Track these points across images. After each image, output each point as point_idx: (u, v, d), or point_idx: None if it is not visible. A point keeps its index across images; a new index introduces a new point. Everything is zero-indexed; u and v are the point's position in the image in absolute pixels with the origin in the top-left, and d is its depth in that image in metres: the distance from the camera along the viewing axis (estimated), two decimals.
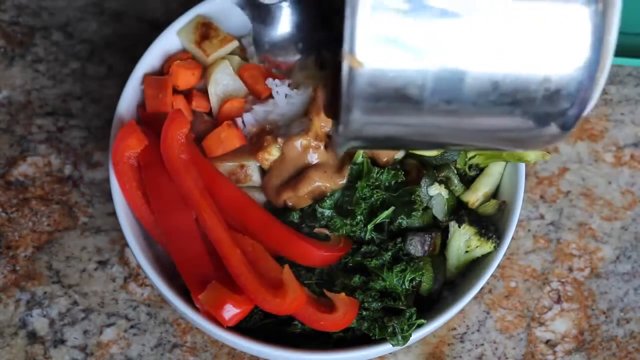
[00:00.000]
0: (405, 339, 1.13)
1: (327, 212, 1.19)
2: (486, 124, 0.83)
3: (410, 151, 1.22)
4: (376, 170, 1.19)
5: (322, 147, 1.21)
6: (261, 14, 0.91)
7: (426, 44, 0.77)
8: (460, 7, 0.76)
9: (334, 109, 0.94)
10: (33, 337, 1.27)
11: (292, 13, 0.91)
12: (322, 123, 1.19)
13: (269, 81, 1.27)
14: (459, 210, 1.22)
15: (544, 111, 0.81)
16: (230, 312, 1.09)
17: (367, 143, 0.88)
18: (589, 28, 0.78)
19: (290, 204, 1.21)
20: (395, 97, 0.79)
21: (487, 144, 0.89)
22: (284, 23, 0.91)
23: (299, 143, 1.21)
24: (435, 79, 0.78)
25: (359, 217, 1.17)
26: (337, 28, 0.86)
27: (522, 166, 1.23)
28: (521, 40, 0.78)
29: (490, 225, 1.20)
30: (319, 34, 0.92)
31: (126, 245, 1.33)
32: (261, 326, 1.17)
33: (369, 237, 1.19)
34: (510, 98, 0.80)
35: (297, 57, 0.94)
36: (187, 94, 1.28)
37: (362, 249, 1.18)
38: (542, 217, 1.38)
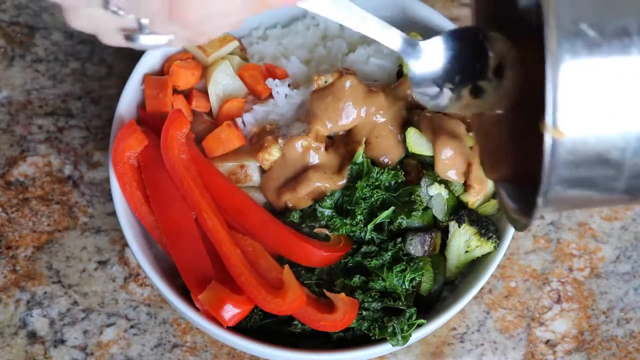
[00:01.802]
0: (405, 339, 1.13)
1: (327, 212, 1.19)
2: None
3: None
4: (376, 170, 1.19)
5: (322, 149, 1.21)
6: (415, 51, 0.91)
7: (628, 107, 0.76)
8: None
9: (497, 168, 0.94)
10: (33, 337, 1.27)
11: (446, 48, 0.91)
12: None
13: (269, 81, 1.27)
14: (459, 210, 1.22)
15: None
16: (230, 312, 1.10)
17: (559, 209, 0.87)
18: None
19: (290, 204, 1.21)
20: (596, 162, 0.77)
21: None
22: (439, 57, 0.91)
23: (299, 144, 1.21)
24: (637, 139, 0.76)
25: (359, 216, 1.17)
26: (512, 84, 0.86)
27: None
28: None
29: (490, 225, 1.20)
30: (475, 65, 0.92)
31: (126, 245, 1.33)
32: (261, 326, 1.17)
33: (369, 237, 1.19)
34: None
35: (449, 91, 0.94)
36: (187, 94, 1.28)
37: (362, 249, 1.18)
38: (542, 217, 1.38)
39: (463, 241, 1.19)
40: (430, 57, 0.90)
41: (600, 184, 0.80)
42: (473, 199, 1.22)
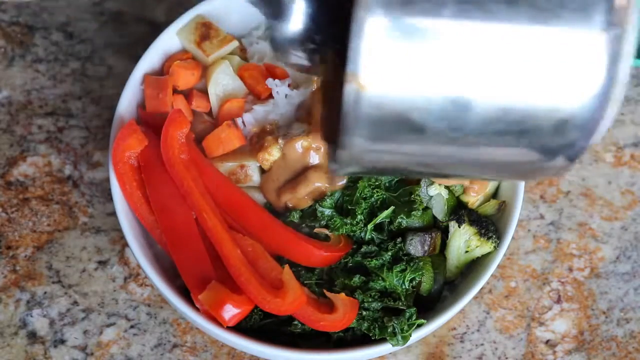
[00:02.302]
0: (405, 339, 1.13)
1: (327, 211, 1.19)
2: (491, 155, 0.81)
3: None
4: None
5: (322, 149, 1.21)
6: (274, 10, 0.90)
7: (434, 70, 0.75)
8: (470, 33, 0.74)
9: (332, 131, 0.93)
10: (33, 337, 1.27)
11: (307, 6, 0.89)
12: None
13: (269, 81, 1.27)
14: (459, 210, 1.22)
15: (551, 142, 0.79)
16: (230, 312, 1.10)
17: (366, 169, 0.86)
18: (604, 56, 0.76)
19: (290, 205, 1.21)
20: (400, 121, 0.76)
21: (490, 175, 0.87)
22: (299, 17, 0.89)
23: (299, 144, 1.20)
24: (441, 104, 0.76)
25: (359, 216, 1.17)
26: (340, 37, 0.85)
27: None
28: (532, 68, 0.76)
29: (490, 225, 1.20)
30: (335, 28, 0.91)
31: (126, 245, 1.33)
32: (261, 326, 1.17)
33: (369, 237, 1.19)
34: (517, 128, 0.77)
35: (315, 54, 0.92)
36: (187, 94, 1.28)
37: (362, 249, 1.18)
38: (542, 217, 1.38)
39: (463, 241, 1.19)
40: (292, 18, 0.90)
41: (405, 146, 0.79)
42: (473, 199, 1.22)
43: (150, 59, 1.28)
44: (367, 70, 0.74)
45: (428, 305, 1.20)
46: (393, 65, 0.74)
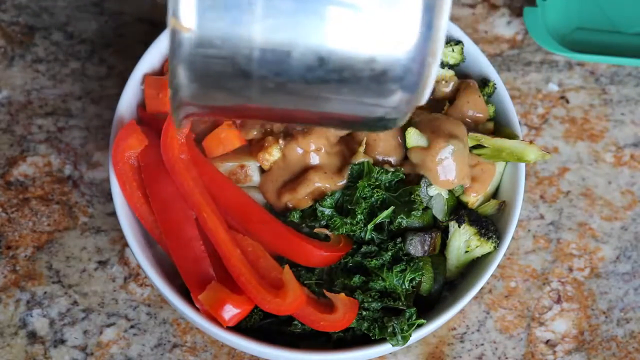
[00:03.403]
0: (405, 339, 1.13)
1: (328, 211, 1.19)
2: (319, 100, 0.82)
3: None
4: (376, 170, 1.19)
5: (323, 150, 1.21)
6: None
7: (252, 13, 0.76)
8: None
9: None
10: (33, 337, 1.27)
11: None
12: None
13: None
14: (459, 210, 1.22)
15: (371, 91, 0.80)
16: (230, 312, 1.10)
17: (205, 110, 0.87)
18: (418, 9, 0.77)
19: (290, 205, 1.21)
20: (224, 64, 0.78)
21: (330, 122, 0.88)
22: None
23: (300, 144, 1.21)
24: (262, 49, 0.77)
25: (359, 216, 1.17)
26: None
27: (522, 166, 1.23)
28: (347, 16, 0.77)
29: (490, 225, 1.20)
30: None
31: (126, 245, 1.33)
32: (261, 326, 1.17)
33: (369, 237, 1.19)
34: (337, 75, 0.79)
35: None
36: None
37: (362, 249, 1.18)
38: (542, 217, 1.38)
39: (463, 241, 1.19)
40: None
41: (235, 90, 0.80)
42: (473, 199, 1.22)
43: (150, 59, 1.28)
44: (185, 12, 0.76)
45: (428, 305, 1.20)
46: (210, 9, 0.76)
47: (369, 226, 1.18)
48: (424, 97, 0.82)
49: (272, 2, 0.76)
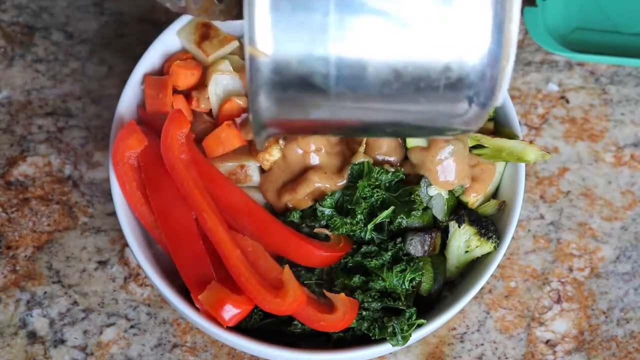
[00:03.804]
0: (405, 339, 1.13)
1: (328, 211, 1.19)
2: (396, 112, 0.83)
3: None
4: (376, 170, 1.19)
5: (323, 150, 1.21)
6: None
7: (325, 33, 0.78)
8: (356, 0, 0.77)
9: None
10: (33, 337, 1.27)
11: None
12: None
13: None
14: (459, 210, 1.22)
15: (447, 99, 0.81)
16: (230, 312, 1.10)
17: (284, 130, 0.89)
18: (488, 16, 0.78)
19: (290, 205, 1.21)
20: (302, 85, 0.80)
21: (408, 130, 0.89)
22: None
23: (300, 145, 1.21)
24: (338, 67, 0.79)
25: (359, 216, 1.17)
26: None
27: (522, 166, 1.23)
28: (420, 28, 0.78)
29: (490, 225, 1.20)
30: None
31: (126, 245, 1.33)
32: (261, 326, 1.17)
33: (369, 237, 1.19)
34: (413, 87, 0.80)
35: None
36: (187, 94, 1.28)
37: (362, 249, 1.18)
38: (542, 217, 1.38)
39: (463, 241, 1.19)
40: None
41: (312, 108, 0.82)
42: (473, 199, 1.22)
43: (150, 59, 1.28)
44: (261, 38, 0.77)
45: (428, 305, 1.20)
46: (285, 33, 0.78)
47: (369, 226, 1.18)
48: (499, 100, 0.83)
49: (344, 21, 0.78)
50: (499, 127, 1.28)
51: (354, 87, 0.80)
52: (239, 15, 1.00)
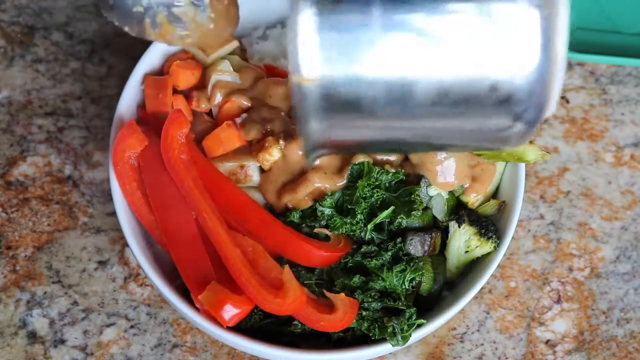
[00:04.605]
0: (405, 339, 1.13)
1: (328, 211, 1.19)
2: (444, 130, 0.84)
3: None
4: (377, 170, 1.19)
5: None
6: None
7: (371, 59, 0.78)
8: (401, 20, 0.77)
9: None
10: (33, 337, 1.27)
11: None
12: None
13: None
14: (459, 210, 1.22)
15: (496, 116, 0.81)
16: (230, 312, 1.10)
17: (334, 150, 0.90)
18: (536, 32, 0.78)
19: (291, 205, 1.21)
20: (350, 109, 0.80)
21: (453, 147, 0.91)
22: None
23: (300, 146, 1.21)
24: (385, 91, 0.79)
25: (359, 216, 1.17)
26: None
27: (522, 166, 1.23)
28: (465, 48, 0.78)
29: (490, 225, 1.20)
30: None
31: (126, 245, 1.33)
32: (261, 326, 1.17)
33: (369, 237, 1.19)
34: (461, 106, 0.80)
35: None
36: (187, 94, 1.28)
37: (362, 249, 1.18)
38: (542, 217, 1.38)
39: (463, 241, 1.19)
40: None
41: (360, 129, 0.83)
42: (473, 199, 1.22)
43: (150, 59, 1.28)
44: (307, 66, 0.78)
45: (428, 305, 1.20)
46: (331, 59, 0.78)
47: (369, 226, 1.18)
48: (550, 112, 0.83)
49: (390, 43, 0.78)
50: None
51: (401, 108, 0.81)
52: (195, 43, 1.02)
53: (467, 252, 1.20)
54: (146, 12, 1.01)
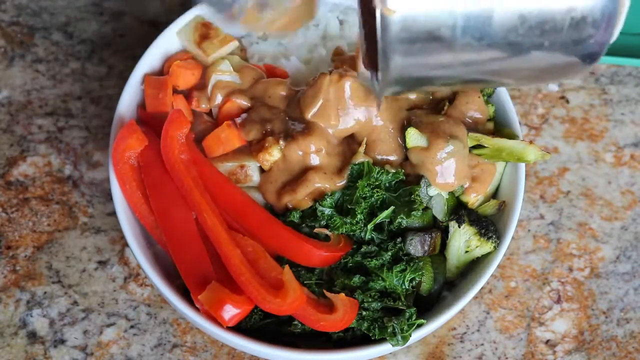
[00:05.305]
0: (405, 339, 1.13)
1: (328, 211, 1.19)
2: (518, 58, 0.87)
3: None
4: (376, 170, 1.19)
5: (323, 151, 1.21)
6: None
7: None
8: None
9: (373, 57, 0.99)
10: (33, 337, 1.27)
11: None
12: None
13: None
14: (459, 210, 1.22)
15: (571, 40, 0.85)
16: (230, 312, 1.10)
17: (407, 86, 0.94)
18: None
19: (291, 205, 1.21)
20: (429, 39, 0.84)
21: (520, 78, 0.93)
22: None
23: (300, 146, 1.21)
24: (465, 18, 0.83)
25: (359, 216, 1.17)
26: None
27: (522, 166, 1.23)
28: None
29: (490, 225, 1.20)
30: None
31: (126, 245, 1.33)
32: (261, 326, 1.17)
33: (369, 237, 1.19)
34: (538, 30, 0.84)
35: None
36: (187, 94, 1.28)
37: (362, 249, 1.18)
38: (542, 217, 1.38)
39: (463, 241, 1.19)
40: None
41: (437, 61, 0.87)
42: (473, 199, 1.22)
43: (150, 59, 1.28)
44: None
45: (428, 305, 1.20)
46: None
47: (369, 226, 1.18)
48: (616, 35, 0.87)
49: None
50: (499, 127, 1.28)
51: (479, 37, 0.84)
52: (281, 28, 1.05)
53: (467, 252, 1.20)
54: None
